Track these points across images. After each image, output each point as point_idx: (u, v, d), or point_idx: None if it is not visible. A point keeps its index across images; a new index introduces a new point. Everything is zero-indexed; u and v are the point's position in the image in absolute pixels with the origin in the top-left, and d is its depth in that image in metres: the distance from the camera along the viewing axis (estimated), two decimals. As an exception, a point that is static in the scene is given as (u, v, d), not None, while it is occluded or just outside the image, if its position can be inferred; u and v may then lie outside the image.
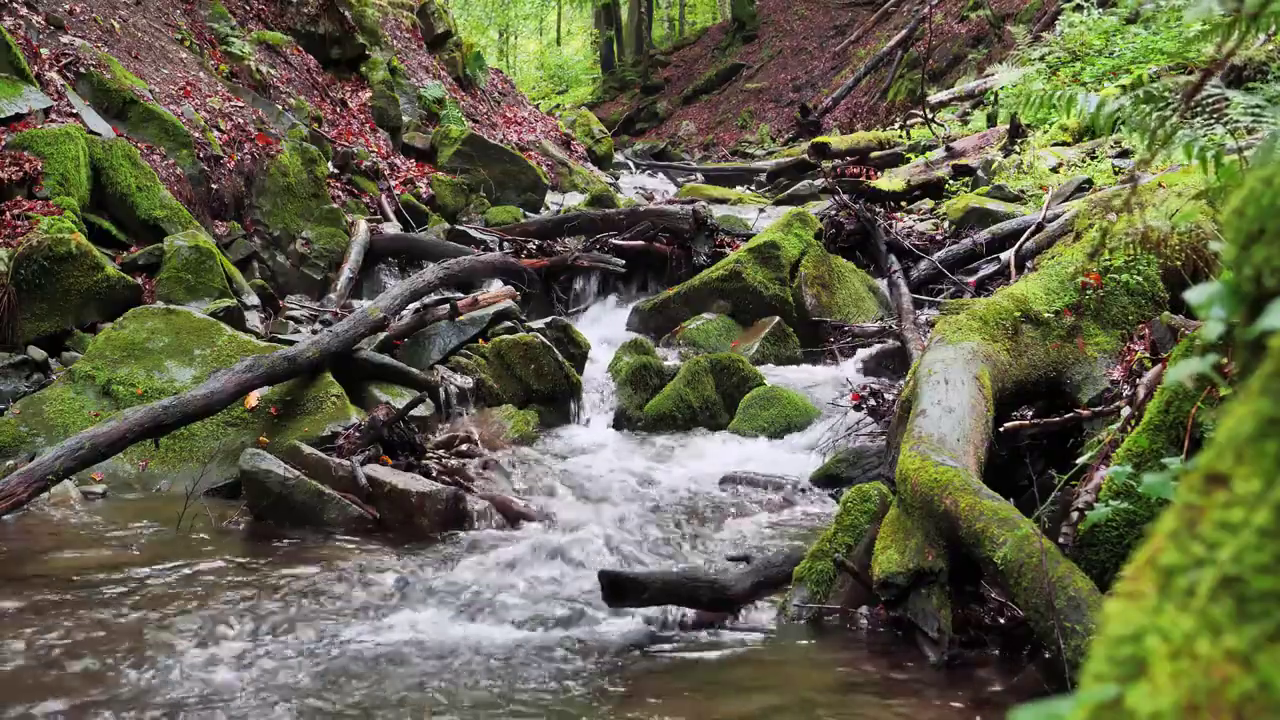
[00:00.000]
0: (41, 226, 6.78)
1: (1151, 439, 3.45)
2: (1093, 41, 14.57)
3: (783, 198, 14.09)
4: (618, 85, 33.87)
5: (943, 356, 4.54)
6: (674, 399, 6.95)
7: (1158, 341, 4.52)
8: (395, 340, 6.98)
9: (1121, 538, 3.43)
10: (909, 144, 14.82)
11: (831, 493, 5.54)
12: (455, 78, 15.90)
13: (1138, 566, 0.71)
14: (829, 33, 29.15)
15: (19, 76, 7.83)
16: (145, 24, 10.20)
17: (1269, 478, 0.67)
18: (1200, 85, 2.47)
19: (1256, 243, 0.81)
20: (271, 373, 5.80)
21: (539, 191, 12.94)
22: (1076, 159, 10.64)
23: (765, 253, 8.57)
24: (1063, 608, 2.90)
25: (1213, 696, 0.62)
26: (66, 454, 4.82)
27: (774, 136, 25.40)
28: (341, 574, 4.36)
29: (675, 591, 3.83)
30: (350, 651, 3.54)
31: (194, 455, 5.80)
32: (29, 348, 6.49)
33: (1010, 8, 21.53)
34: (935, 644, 3.44)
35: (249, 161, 9.22)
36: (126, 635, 3.64)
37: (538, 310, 8.91)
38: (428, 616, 3.89)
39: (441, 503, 5.05)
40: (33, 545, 4.67)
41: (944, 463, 3.64)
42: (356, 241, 9.44)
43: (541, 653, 3.58)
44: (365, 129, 12.29)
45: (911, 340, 7.14)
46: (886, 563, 3.60)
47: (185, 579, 4.25)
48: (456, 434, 6.10)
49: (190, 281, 7.30)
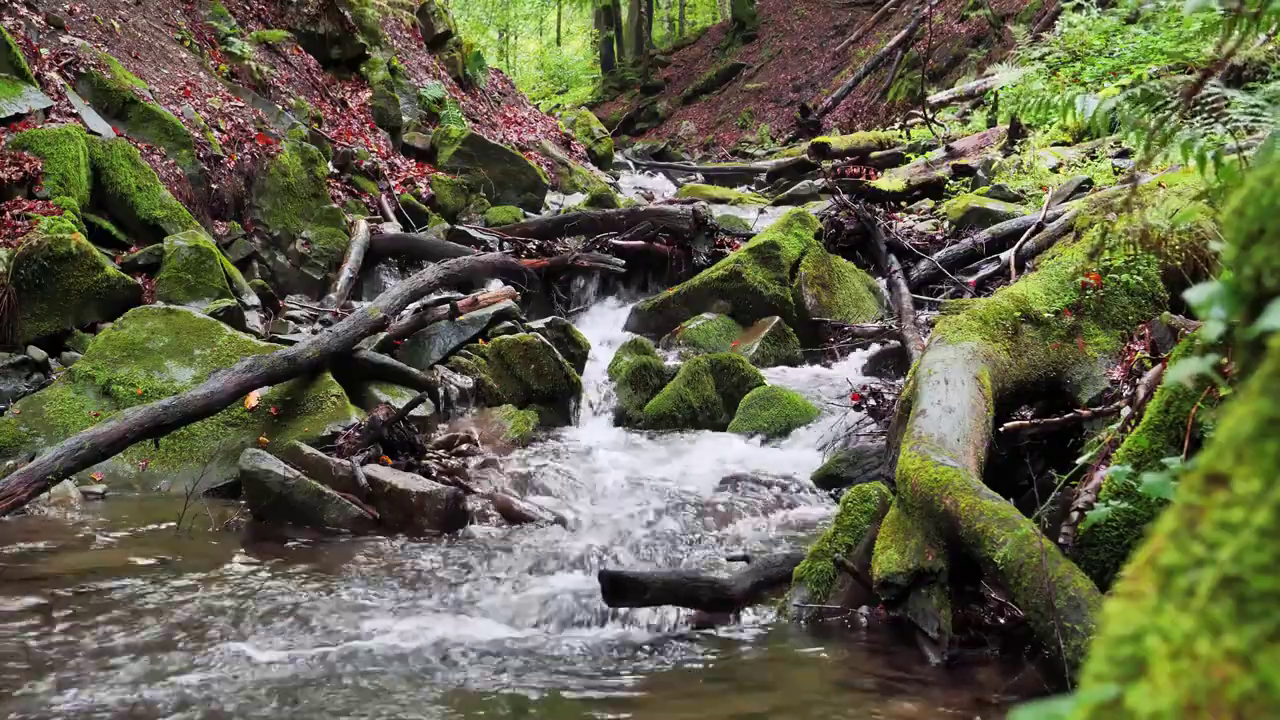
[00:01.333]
0: (41, 226, 6.78)
1: (1151, 439, 3.45)
2: (1092, 41, 14.57)
3: (783, 198, 14.09)
4: (618, 85, 33.87)
5: (943, 356, 4.54)
6: (674, 399, 6.95)
7: (1158, 341, 4.52)
8: (395, 340, 6.98)
9: (1121, 538, 3.43)
10: (909, 144, 14.82)
11: (831, 493, 5.53)
12: (455, 78, 15.90)
13: (1138, 566, 0.71)
14: (829, 33, 29.15)
15: (19, 76, 7.83)
16: (145, 24, 10.20)
17: (1269, 478, 0.67)
18: (1200, 84, 2.47)
19: (1256, 243, 0.81)
20: (271, 373, 5.80)
21: (539, 191, 12.94)
22: (1076, 159, 10.64)
23: (765, 253, 8.57)
24: (1063, 608, 2.90)
25: (1213, 696, 0.62)
26: (66, 454, 4.82)
27: (774, 136, 25.40)
28: (341, 574, 4.36)
29: (675, 591, 3.83)
30: (350, 651, 3.54)
31: (194, 455, 5.80)
32: (29, 348, 6.49)
33: (1010, 8, 21.53)
34: (935, 644, 3.44)
35: (249, 161, 9.22)
36: (126, 635, 3.63)
37: (538, 310, 8.91)
38: (427, 616, 3.89)
39: (441, 503, 5.05)
40: (33, 545, 4.67)
41: (944, 463, 3.64)
42: (356, 241, 9.44)
43: (541, 653, 3.58)
44: (365, 129, 12.29)
45: (911, 340, 7.13)
46: (886, 563, 3.60)
47: (185, 579, 4.25)
48: (456, 434, 6.10)
49: (190, 281, 7.30)
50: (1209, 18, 2.32)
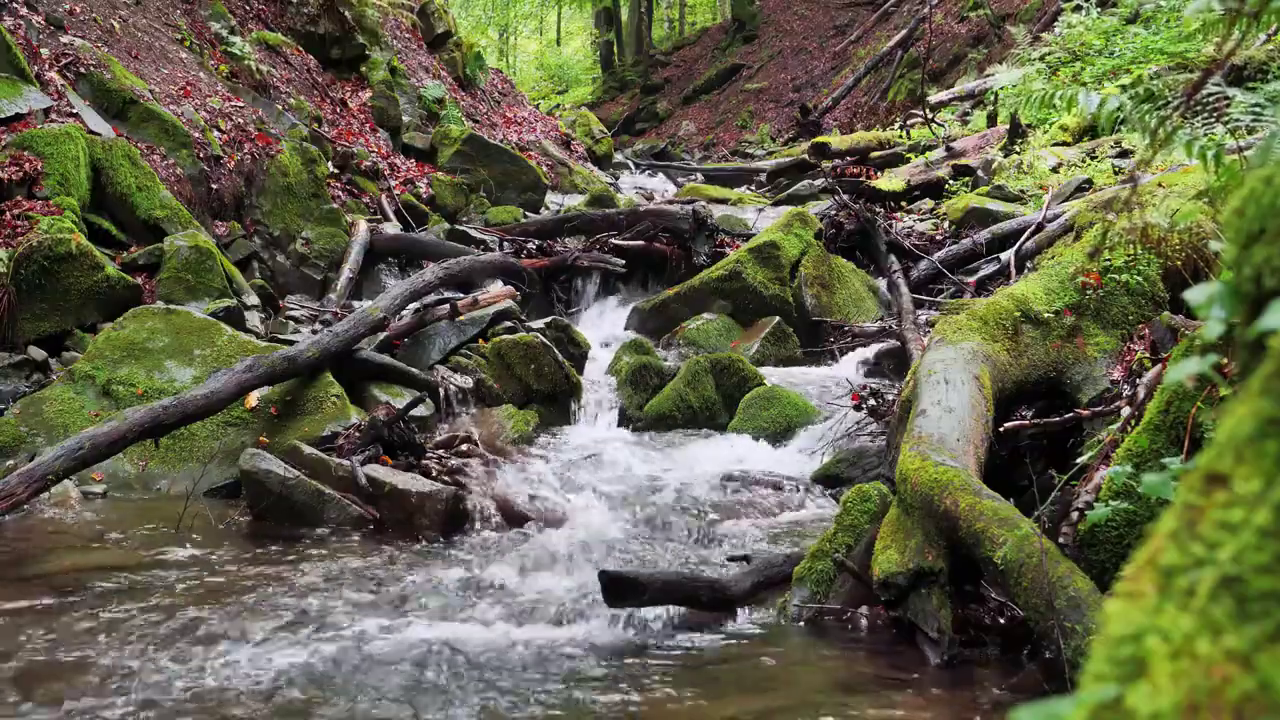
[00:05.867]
0: (41, 226, 6.78)
1: (1151, 439, 3.45)
2: (1093, 41, 14.57)
3: (783, 198, 14.08)
4: (618, 85, 33.87)
5: (943, 356, 4.54)
6: (674, 399, 6.95)
7: (1158, 341, 4.52)
8: (395, 340, 6.98)
9: (1121, 538, 3.43)
10: (909, 144, 14.82)
11: (831, 493, 5.53)
12: (455, 78, 15.90)
13: (1138, 566, 0.71)
14: (829, 33, 29.15)
15: (19, 76, 7.83)
16: (145, 24, 10.20)
17: (1269, 478, 0.67)
18: (1201, 84, 2.47)
19: (1256, 243, 0.81)
20: (271, 373, 5.80)
21: (539, 191, 12.94)
22: (1076, 159, 10.63)
23: (765, 253, 8.57)
24: (1063, 608, 2.90)
25: (1213, 696, 0.62)
26: (66, 454, 4.82)
27: (774, 136, 25.40)
28: (341, 574, 4.36)
29: (675, 592, 3.83)
30: (350, 651, 3.54)
31: (194, 455, 5.80)
32: (29, 348, 6.50)
33: (1010, 8, 21.53)
34: (935, 644, 3.44)
35: (249, 161, 9.22)
36: (127, 635, 3.63)
37: (538, 310, 8.91)
38: (427, 616, 3.89)
39: (441, 503, 5.05)
40: (33, 545, 4.67)
41: (944, 463, 3.64)
42: (356, 241, 9.44)
43: (540, 653, 3.58)
44: (365, 129, 12.29)
45: (911, 340, 7.13)
46: (886, 563, 3.60)
47: (185, 579, 4.25)
48: (456, 434, 6.10)
49: (190, 281, 7.30)
50: (1208, 17, 2.32)
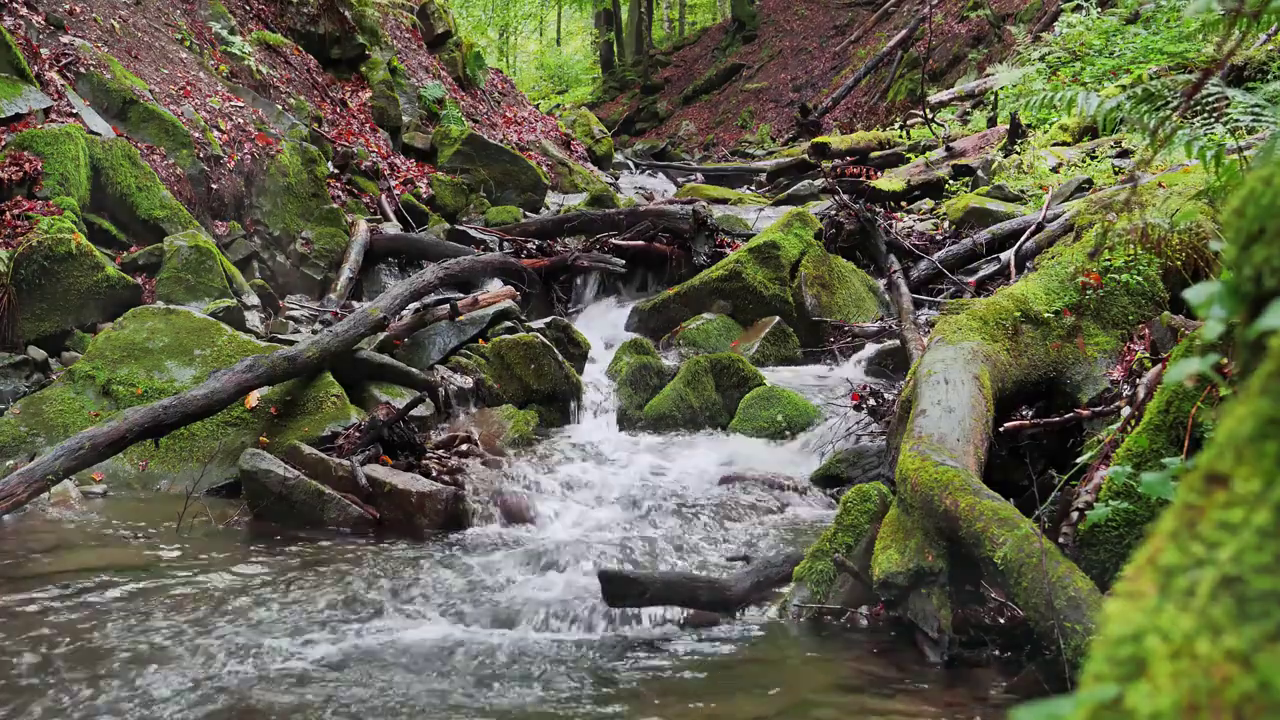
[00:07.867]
0: (41, 226, 6.78)
1: (1151, 439, 3.45)
2: (1092, 41, 14.57)
3: (783, 198, 14.09)
4: (618, 85, 33.88)
5: (943, 356, 4.54)
6: (674, 399, 6.95)
7: (1158, 341, 4.52)
8: (395, 340, 6.98)
9: (1121, 538, 3.43)
10: (909, 144, 14.82)
11: (831, 493, 5.53)
12: (455, 78, 15.90)
13: (1138, 566, 0.71)
14: (829, 33, 29.15)
15: (19, 76, 7.82)
16: (145, 24, 10.20)
17: (1269, 478, 0.67)
18: (1201, 84, 2.47)
19: (1256, 242, 0.81)
20: (271, 373, 5.80)
21: (539, 191, 12.94)
22: (1076, 159, 10.64)
23: (765, 253, 8.57)
24: (1063, 608, 2.90)
25: (1213, 696, 0.62)
26: (66, 454, 4.82)
27: (774, 136, 25.41)
28: (341, 574, 4.36)
29: (675, 591, 3.83)
30: (350, 651, 3.54)
31: (194, 455, 5.80)
32: (29, 348, 6.49)
33: (1010, 8, 21.53)
34: (935, 644, 3.44)
35: (249, 161, 9.22)
36: (127, 635, 3.63)
37: (538, 310, 8.91)
38: (427, 616, 3.89)
39: (441, 503, 5.05)
40: (33, 545, 4.67)
41: (944, 463, 3.64)
42: (356, 241, 9.44)
43: (540, 653, 3.58)
44: (365, 129, 12.29)
45: (911, 340, 7.13)
46: (886, 563, 3.60)
47: (185, 579, 4.25)
48: (456, 434, 6.10)
49: (190, 281, 7.30)
50: (1208, 17, 2.33)
